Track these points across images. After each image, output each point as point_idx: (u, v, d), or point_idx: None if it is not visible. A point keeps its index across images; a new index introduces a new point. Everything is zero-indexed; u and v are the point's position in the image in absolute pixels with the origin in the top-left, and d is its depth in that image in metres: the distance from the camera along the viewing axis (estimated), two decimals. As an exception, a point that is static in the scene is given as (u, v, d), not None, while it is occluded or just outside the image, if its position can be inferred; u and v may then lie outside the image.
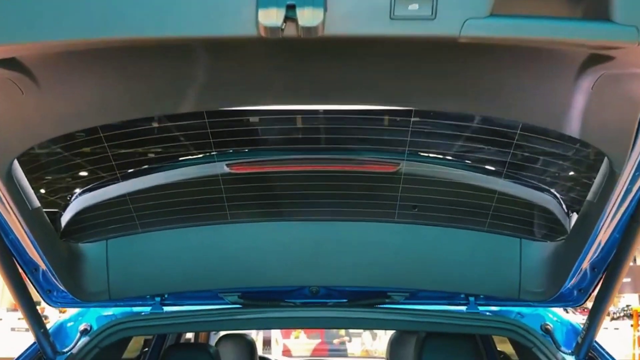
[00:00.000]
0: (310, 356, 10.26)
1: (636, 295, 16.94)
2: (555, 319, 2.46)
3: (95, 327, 2.41)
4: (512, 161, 2.05)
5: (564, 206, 2.17)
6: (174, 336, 3.97)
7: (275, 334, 11.35)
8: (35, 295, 2.29)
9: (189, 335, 4.37)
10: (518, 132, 1.93)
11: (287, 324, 2.38)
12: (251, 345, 4.14)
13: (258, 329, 2.81)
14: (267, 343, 10.34)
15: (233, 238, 2.32)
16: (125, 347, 2.93)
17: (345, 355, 11.12)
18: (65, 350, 2.31)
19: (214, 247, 2.32)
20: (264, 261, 2.34)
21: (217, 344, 4.14)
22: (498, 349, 3.19)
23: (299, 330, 12.46)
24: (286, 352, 10.25)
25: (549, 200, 2.18)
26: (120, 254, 2.28)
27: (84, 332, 2.40)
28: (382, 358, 3.04)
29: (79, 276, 2.27)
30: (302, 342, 12.19)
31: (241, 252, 2.33)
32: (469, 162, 2.16)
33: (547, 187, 2.17)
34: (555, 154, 2.06)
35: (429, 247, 2.29)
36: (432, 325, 2.38)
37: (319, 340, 12.74)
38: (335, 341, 12.93)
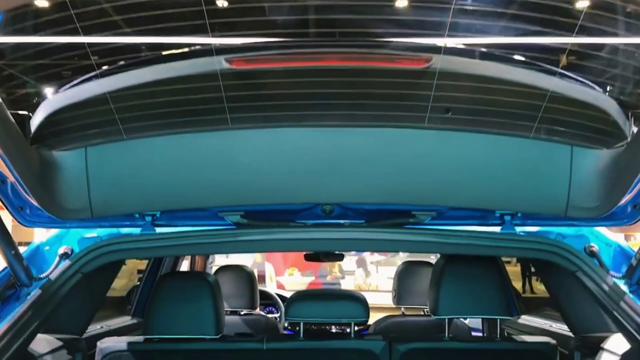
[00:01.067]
0: (305, 292, 10.12)
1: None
2: (601, 240, 2.18)
3: (76, 251, 2.11)
4: (570, 50, 1.71)
5: (625, 108, 1.85)
6: (168, 266, 3.70)
7: (269, 270, 11.25)
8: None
9: (184, 268, 4.12)
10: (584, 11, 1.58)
11: (296, 246, 2.10)
12: (250, 276, 3.88)
13: (263, 251, 2.53)
14: (261, 279, 10.23)
15: (234, 147, 1.98)
16: (113, 276, 2.64)
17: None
18: (42, 276, 2.01)
19: (212, 158, 1.98)
20: (270, 175, 2.01)
21: (214, 275, 3.88)
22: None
23: (293, 267, 12.39)
24: (280, 287, 10.16)
25: (608, 100, 1.85)
26: (102, 164, 1.94)
27: (64, 256, 2.10)
28: (380, 291, 2.77)
29: (54, 190, 1.93)
30: (295, 279, 12.13)
31: (244, 164, 1.99)
32: (516, 53, 1.81)
33: (606, 85, 1.84)
34: (621, 46, 1.73)
35: (463, 157, 1.97)
36: (462, 248, 2.10)
37: (313, 278, 12.68)
38: (329, 277, 12.87)
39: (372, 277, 13.90)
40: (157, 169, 1.97)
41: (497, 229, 2.15)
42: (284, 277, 11.93)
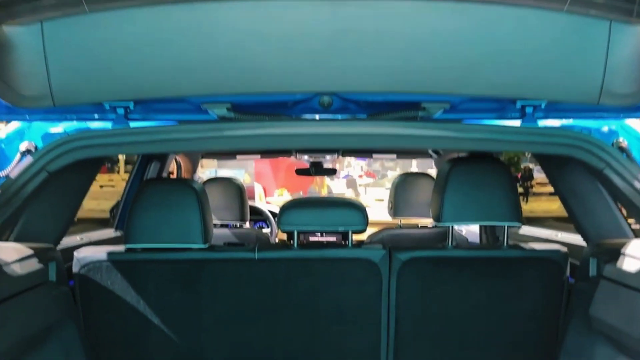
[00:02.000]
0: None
1: None
2: (631, 134, 1.96)
3: (40, 147, 1.85)
4: None
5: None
6: (153, 174, 3.46)
7: (259, 190, 11.09)
8: None
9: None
10: None
11: (291, 142, 1.85)
12: (240, 189, 3.66)
13: (252, 148, 2.28)
14: (250, 199, 10.08)
15: (219, 24, 1.68)
16: (87, 179, 2.40)
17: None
18: (1, 174, 1.77)
19: (193, 36, 1.69)
20: (260, 57, 1.72)
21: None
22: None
23: (283, 188, 12.26)
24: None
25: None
26: (61, 42, 1.65)
27: (27, 153, 1.84)
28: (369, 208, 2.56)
29: (8, 73, 1.65)
30: (285, 200, 12.01)
31: (230, 44, 1.71)
32: None
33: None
34: None
35: (481, 36, 1.70)
36: (479, 143, 1.86)
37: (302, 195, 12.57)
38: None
39: (361, 198, 13.87)
40: (126, 49, 1.68)
41: (517, 124, 1.91)
42: (274, 197, 11.81)
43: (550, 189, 2.56)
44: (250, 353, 2.43)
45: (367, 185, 18.50)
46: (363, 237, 3.56)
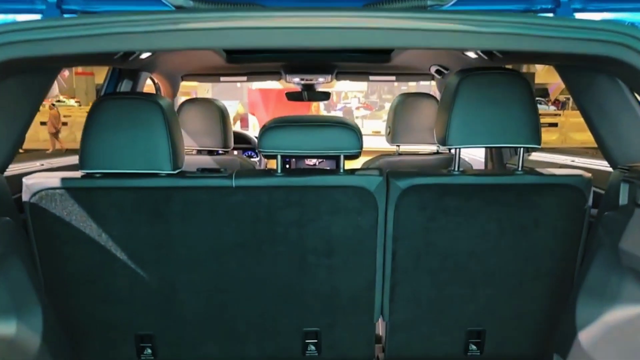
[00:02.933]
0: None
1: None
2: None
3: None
4: None
5: None
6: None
7: (252, 121, 10.71)
8: None
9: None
10: None
11: (265, 38, 1.47)
12: (221, 111, 3.30)
13: (216, 45, 1.89)
14: (244, 128, 9.73)
15: None
16: (28, 94, 2.04)
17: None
18: None
19: None
20: None
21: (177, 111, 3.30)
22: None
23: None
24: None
25: None
26: None
27: None
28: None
29: None
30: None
31: None
32: None
33: None
34: None
35: None
36: (502, 39, 1.49)
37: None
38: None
39: (358, 131, 13.49)
40: None
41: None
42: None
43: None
44: (228, 292, 2.16)
45: (364, 118, 18.07)
46: (357, 166, 3.24)
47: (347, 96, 22.51)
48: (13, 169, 2.22)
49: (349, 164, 2.18)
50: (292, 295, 2.18)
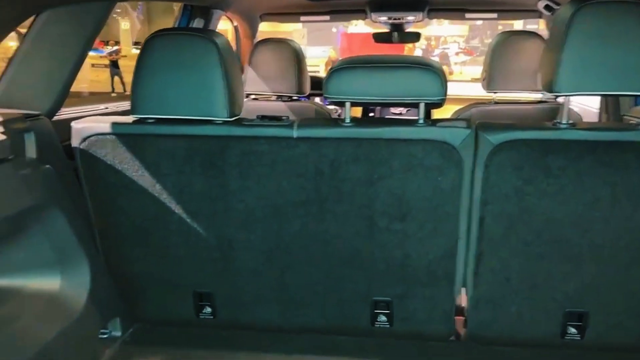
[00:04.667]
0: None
1: None
2: None
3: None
4: None
5: None
6: None
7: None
8: None
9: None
10: None
11: None
12: (296, 53, 3.03)
13: None
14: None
15: None
16: (79, 34, 1.88)
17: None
18: None
19: None
20: None
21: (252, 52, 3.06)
22: None
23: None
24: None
25: None
26: None
27: None
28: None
29: None
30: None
31: None
32: None
33: None
34: None
35: None
36: None
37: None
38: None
39: (454, 78, 12.77)
40: None
41: None
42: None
43: None
44: (289, 253, 1.95)
45: (464, 64, 17.12)
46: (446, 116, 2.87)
47: (447, 41, 21.42)
48: (74, 112, 2.10)
49: (435, 114, 1.87)
50: (359, 261, 1.93)
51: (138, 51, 1.84)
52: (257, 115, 1.89)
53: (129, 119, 1.88)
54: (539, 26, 3.66)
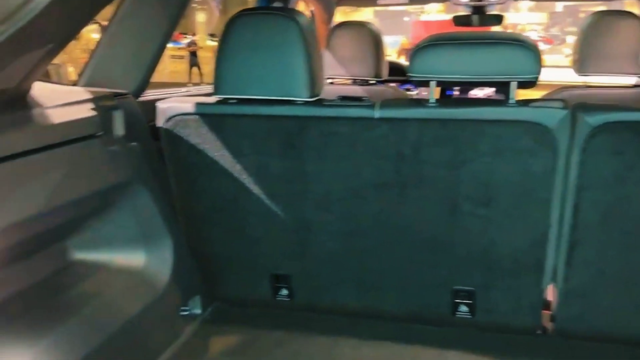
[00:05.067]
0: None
1: None
2: None
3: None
4: None
5: None
6: None
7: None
8: None
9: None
10: None
11: None
12: (375, 36, 2.97)
13: None
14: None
15: None
16: (164, 18, 1.90)
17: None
18: None
19: None
20: None
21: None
22: None
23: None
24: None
25: None
26: None
27: None
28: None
29: None
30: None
31: None
32: None
33: None
34: None
35: None
36: None
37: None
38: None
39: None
40: None
41: None
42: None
43: None
44: (367, 237, 1.90)
45: (543, 52, 16.42)
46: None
47: (525, 29, 20.64)
48: (157, 94, 2.14)
49: (522, 95, 1.76)
50: (440, 247, 1.86)
51: (214, 43, 1.86)
52: (337, 96, 1.85)
53: (212, 99, 1.89)
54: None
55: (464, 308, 1.95)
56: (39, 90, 1.53)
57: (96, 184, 1.60)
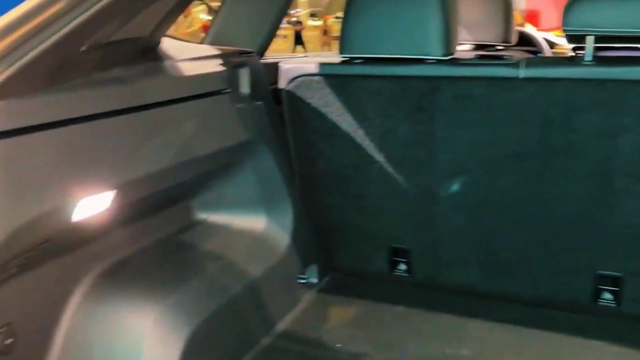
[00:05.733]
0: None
1: None
2: None
3: None
4: None
5: None
6: None
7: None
8: None
9: None
10: None
11: None
12: (505, 1, 2.75)
13: None
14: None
15: None
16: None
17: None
18: None
19: None
20: None
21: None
22: None
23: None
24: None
25: None
26: None
27: None
28: None
29: None
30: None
31: None
32: None
33: None
34: None
35: None
36: None
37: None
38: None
39: None
40: None
41: None
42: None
43: None
44: (499, 212, 1.74)
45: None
46: None
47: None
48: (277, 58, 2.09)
49: None
50: (585, 227, 1.67)
51: (314, 22, 1.76)
52: (474, 55, 1.70)
53: (337, 59, 1.80)
54: None
55: (607, 295, 1.75)
56: (168, 45, 1.51)
57: (223, 140, 1.56)
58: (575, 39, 1.56)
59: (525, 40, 3.78)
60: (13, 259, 1.00)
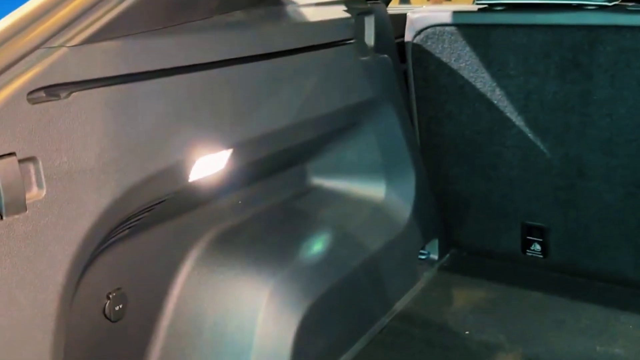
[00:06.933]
0: None
1: None
2: None
3: None
4: None
5: None
6: None
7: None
8: None
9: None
10: None
11: None
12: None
13: None
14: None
15: None
16: None
17: None
18: None
19: None
20: None
21: None
22: None
23: None
24: None
25: None
26: None
27: None
28: None
29: None
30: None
31: None
32: None
33: None
34: None
35: None
36: None
37: None
38: None
39: None
40: None
41: None
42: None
43: None
44: None
45: None
46: None
47: None
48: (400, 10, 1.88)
49: None
50: None
51: None
52: None
53: (474, 7, 1.57)
54: None
55: None
56: None
57: (347, 98, 1.39)
58: None
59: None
60: (127, 219, 0.89)
